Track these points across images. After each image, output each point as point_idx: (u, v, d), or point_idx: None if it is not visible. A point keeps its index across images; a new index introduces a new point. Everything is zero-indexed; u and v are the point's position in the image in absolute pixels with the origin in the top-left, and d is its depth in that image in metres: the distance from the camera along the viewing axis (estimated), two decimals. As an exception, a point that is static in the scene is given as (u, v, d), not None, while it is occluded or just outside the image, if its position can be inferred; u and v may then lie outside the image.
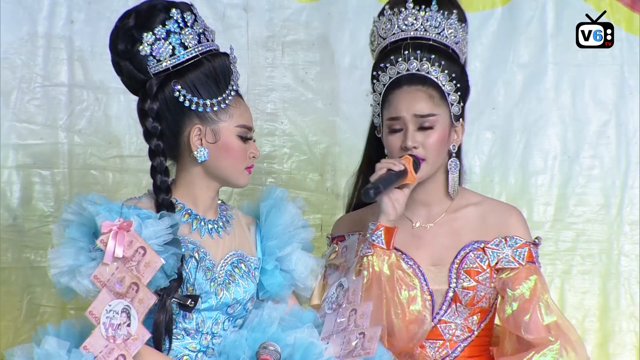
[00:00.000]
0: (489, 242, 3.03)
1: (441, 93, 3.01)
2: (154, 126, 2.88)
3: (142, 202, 2.89)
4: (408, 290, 2.95)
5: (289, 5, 3.94)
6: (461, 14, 3.09)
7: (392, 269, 2.95)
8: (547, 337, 2.91)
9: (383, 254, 2.95)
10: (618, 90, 4.04)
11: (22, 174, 3.82)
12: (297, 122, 3.97)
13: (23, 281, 3.80)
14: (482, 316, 3.05)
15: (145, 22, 2.86)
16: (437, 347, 3.05)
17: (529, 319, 2.92)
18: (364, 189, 2.90)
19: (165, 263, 2.74)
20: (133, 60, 2.87)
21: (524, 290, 2.95)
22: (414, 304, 2.94)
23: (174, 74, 2.87)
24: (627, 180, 4.05)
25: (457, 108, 3.02)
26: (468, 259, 3.02)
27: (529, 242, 3.03)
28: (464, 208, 3.08)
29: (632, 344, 4.03)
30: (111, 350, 2.69)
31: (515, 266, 3.00)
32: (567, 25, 3.99)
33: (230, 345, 2.91)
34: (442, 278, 3.03)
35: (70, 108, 3.86)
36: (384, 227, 2.97)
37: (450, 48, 3.04)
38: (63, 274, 2.74)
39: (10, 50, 3.81)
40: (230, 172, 2.93)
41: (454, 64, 3.03)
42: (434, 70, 3.00)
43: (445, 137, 3.02)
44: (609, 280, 4.05)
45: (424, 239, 3.08)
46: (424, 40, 3.03)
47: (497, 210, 3.08)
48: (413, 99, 3.03)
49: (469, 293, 3.00)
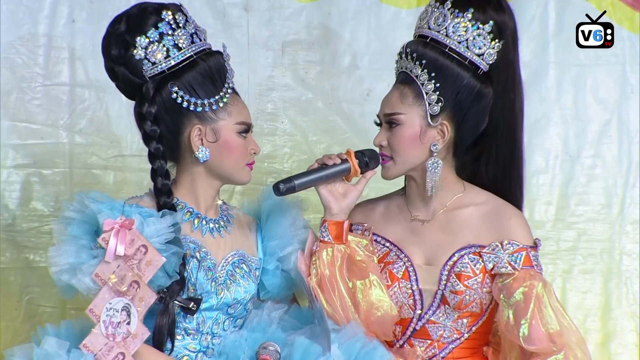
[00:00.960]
0: (485, 246, 2.99)
1: (418, 91, 2.98)
2: (153, 129, 2.87)
3: (144, 201, 2.89)
4: (364, 279, 2.97)
5: (290, 5, 3.94)
6: (497, 27, 2.98)
7: (343, 261, 2.97)
8: (551, 347, 2.85)
9: (331, 248, 2.97)
10: (620, 90, 4.04)
11: (21, 173, 3.82)
12: (298, 121, 3.97)
13: (22, 281, 3.79)
14: (473, 320, 3.02)
15: (137, 26, 2.86)
16: (425, 346, 3.04)
17: (529, 329, 2.87)
18: (275, 183, 2.92)
19: (167, 262, 2.75)
20: (128, 64, 2.87)
21: (518, 297, 2.90)
22: (370, 291, 2.96)
23: (169, 76, 2.87)
24: (628, 180, 4.04)
25: (436, 108, 2.97)
26: (461, 263, 2.99)
27: (526, 246, 2.98)
28: (464, 207, 3.06)
29: (633, 343, 4.03)
30: (111, 349, 2.70)
31: (510, 271, 2.95)
32: (568, 24, 3.99)
33: (230, 346, 2.91)
34: (433, 278, 3.01)
35: (71, 107, 3.86)
36: (328, 222, 2.99)
37: (467, 59, 2.98)
38: (64, 271, 2.74)
39: (11, 49, 3.81)
40: (232, 170, 2.93)
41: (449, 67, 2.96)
42: (415, 68, 2.98)
43: (414, 136, 2.98)
44: (611, 280, 4.04)
45: (421, 235, 3.06)
46: (438, 44, 2.98)
47: (497, 212, 3.03)
48: (387, 98, 3.04)
49: (456, 297, 2.98)
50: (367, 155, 3.02)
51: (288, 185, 2.91)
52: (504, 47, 3.00)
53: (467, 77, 2.97)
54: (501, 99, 3.04)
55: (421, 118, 2.99)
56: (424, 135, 2.99)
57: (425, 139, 3.00)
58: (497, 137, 3.06)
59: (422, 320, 3.02)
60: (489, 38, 2.98)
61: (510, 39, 3.02)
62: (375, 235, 3.10)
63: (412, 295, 3.02)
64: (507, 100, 3.05)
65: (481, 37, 2.98)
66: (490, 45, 2.99)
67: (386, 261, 3.05)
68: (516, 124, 3.08)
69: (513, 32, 3.03)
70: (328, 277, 2.95)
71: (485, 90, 2.99)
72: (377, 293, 2.98)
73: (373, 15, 3.96)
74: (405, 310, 3.02)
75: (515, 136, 3.09)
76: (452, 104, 2.98)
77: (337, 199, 3.00)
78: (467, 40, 2.98)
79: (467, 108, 2.99)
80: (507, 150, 3.08)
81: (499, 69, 3.01)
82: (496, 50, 3.00)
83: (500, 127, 3.05)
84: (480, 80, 2.98)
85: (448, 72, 2.97)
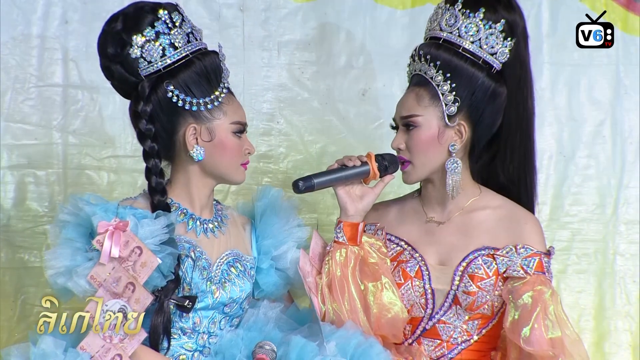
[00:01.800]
0: (500, 249, 3.01)
1: (434, 93, 3.00)
2: (148, 128, 2.87)
3: (138, 202, 2.89)
4: (376, 281, 2.97)
5: (285, 5, 3.94)
6: (509, 25, 3.01)
7: (356, 262, 2.97)
8: (548, 352, 2.86)
9: (345, 249, 2.98)
10: (614, 90, 4.04)
11: (16, 174, 3.81)
12: (293, 121, 3.96)
13: (17, 281, 3.78)
14: (483, 322, 3.03)
15: (134, 24, 2.86)
16: (434, 346, 3.04)
17: (530, 331, 2.88)
18: (295, 180, 2.92)
19: (162, 262, 2.75)
20: (124, 63, 2.87)
21: (526, 300, 2.91)
22: (382, 294, 2.97)
23: (165, 75, 2.87)
24: (622, 180, 4.05)
25: (453, 108, 2.99)
26: (475, 264, 3.00)
27: (540, 252, 3.00)
28: (480, 210, 3.07)
29: (627, 343, 4.03)
30: (108, 350, 2.70)
31: (522, 275, 2.97)
32: (562, 25, 4.00)
33: (226, 345, 2.91)
34: (446, 278, 3.02)
35: (64, 108, 3.85)
36: (343, 223, 3.00)
37: (480, 58, 2.99)
38: (60, 274, 2.74)
39: (5, 50, 3.80)
40: (226, 170, 2.93)
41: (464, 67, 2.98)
42: (429, 70, 2.99)
43: (432, 138, 3.00)
44: (605, 280, 4.05)
45: (436, 236, 3.07)
46: (451, 45, 2.99)
47: (512, 217, 3.05)
48: (403, 101, 3.05)
49: (469, 297, 2.99)
50: (387, 159, 3.03)
51: (307, 183, 2.92)
52: (516, 45, 3.02)
53: (482, 77, 3.00)
54: (515, 97, 3.05)
55: (438, 119, 3.01)
56: (442, 136, 3.01)
57: (443, 139, 3.01)
58: (512, 136, 3.08)
59: (432, 320, 3.03)
60: (501, 37, 3.00)
61: (521, 37, 3.04)
62: (389, 234, 3.11)
63: (424, 295, 3.02)
64: (520, 98, 3.07)
65: (494, 36, 3.00)
66: (503, 43, 3.01)
67: (399, 260, 3.06)
68: (529, 122, 3.10)
69: (523, 30, 3.05)
70: (339, 278, 2.96)
71: (500, 89, 3.01)
72: (388, 295, 2.99)
73: (368, 16, 3.96)
74: (416, 309, 3.03)
75: (529, 133, 3.10)
76: (468, 103, 3.00)
77: (354, 201, 3.01)
78: (480, 39, 3.00)
79: (483, 107, 3.01)
80: (522, 149, 3.10)
81: (511, 68, 3.04)
82: (509, 48, 3.02)
83: (513, 125, 3.07)
84: (494, 79, 3.00)
85: (463, 72, 2.98)
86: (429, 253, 3.05)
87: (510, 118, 3.06)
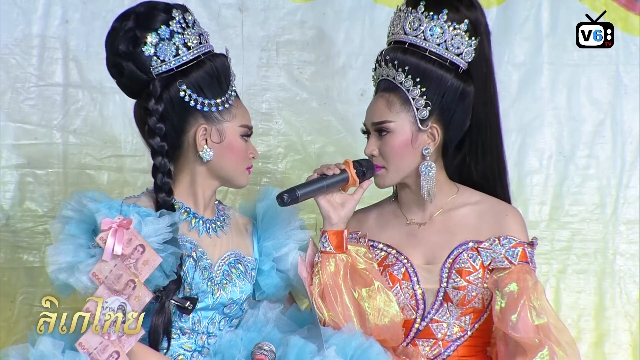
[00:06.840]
0: (483, 241, 3.02)
1: (404, 98, 3.00)
2: (159, 126, 2.87)
3: (142, 201, 2.89)
4: (368, 286, 2.98)
5: (284, 5, 3.94)
6: (472, 25, 3.02)
7: (346, 270, 2.97)
8: (534, 338, 2.87)
9: (333, 258, 2.97)
10: (613, 90, 4.04)
11: (16, 174, 3.81)
12: (292, 121, 3.97)
13: (16, 281, 3.78)
14: (475, 316, 3.04)
15: (147, 22, 2.86)
16: (429, 345, 3.05)
17: (517, 318, 2.90)
18: (279, 193, 2.92)
19: (164, 261, 2.75)
20: (136, 60, 2.87)
21: (513, 288, 2.93)
22: (376, 298, 2.97)
23: (178, 74, 2.87)
24: (622, 180, 4.05)
25: (425, 112, 2.99)
26: (460, 259, 3.01)
27: (523, 242, 3.02)
28: (460, 207, 3.08)
29: (627, 343, 4.03)
30: (105, 347, 2.70)
31: (507, 266, 2.98)
32: (562, 25, 4.00)
33: (225, 345, 2.91)
34: (434, 277, 3.03)
35: (65, 108, 3.85)
36: (328, 232, 3.00)
37: (447, 60, 3.00)
38: (62, 270, 2.74)
39: (5, 50, 3.80)
40: (232, 172, 2.94)
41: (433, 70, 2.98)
42: (398, 75, 3.00)
43: (406, 143, 3.01)
44: (605, 280, 4.05)
45: (419, 237, 3.08)
46: (417, 48, 3.01)
47: (493, 210, 3.07)
48: (373, 107, 3.06)
49: (459, 293, 2.99)
50: (364, 165, 3.03)
51: (292, 196, 2.92)
52: (480, 43, 3.04)
53: (450, 78, 3.00)
54: (482, 95, 3.07)
55: (411, 124, 3.01)
56: (415, 141, 3.01)
57: (416, 144, 3.02)
58: (482, 133, 3.09)
59: (425, 320, 3.03)
60: (466, 37, 3.02)
61: (484, 35, 3.06)
62: (371, 241, 3.11)
63: (413, 296, 3.03)
64: (487, 95, 3.08)
65: (458, 36, 3.01)
66: (468, 43, 3.02)
67: (385, 264, 3.06)
68: (498, 118, 3.12)
69: (486, 28, 3.08)
70: (331, 286, 2.96)
71: (468, 88, 3.03)
72: (383, 299, 2.99)
73: (367, 16, 3.96)
74: (407, 311, 3.03)
75: (498, 129, 3.12)
76: (439, 106, 3.01)
77: (336, 209, 3.01)
78: (446, 41, 3.01)
79: (454, 108, 3.02)
80: (492, 145, 3.11)
81: (477, 66, 3.05)
82: (473, 47, 3.03)
83: (483, 123, 3.09)
84: (462, 79, 3.02)
85: (432, 75, 2.99)
86: (414, 254, 3.06)
87: (479, 116, 3.07)
